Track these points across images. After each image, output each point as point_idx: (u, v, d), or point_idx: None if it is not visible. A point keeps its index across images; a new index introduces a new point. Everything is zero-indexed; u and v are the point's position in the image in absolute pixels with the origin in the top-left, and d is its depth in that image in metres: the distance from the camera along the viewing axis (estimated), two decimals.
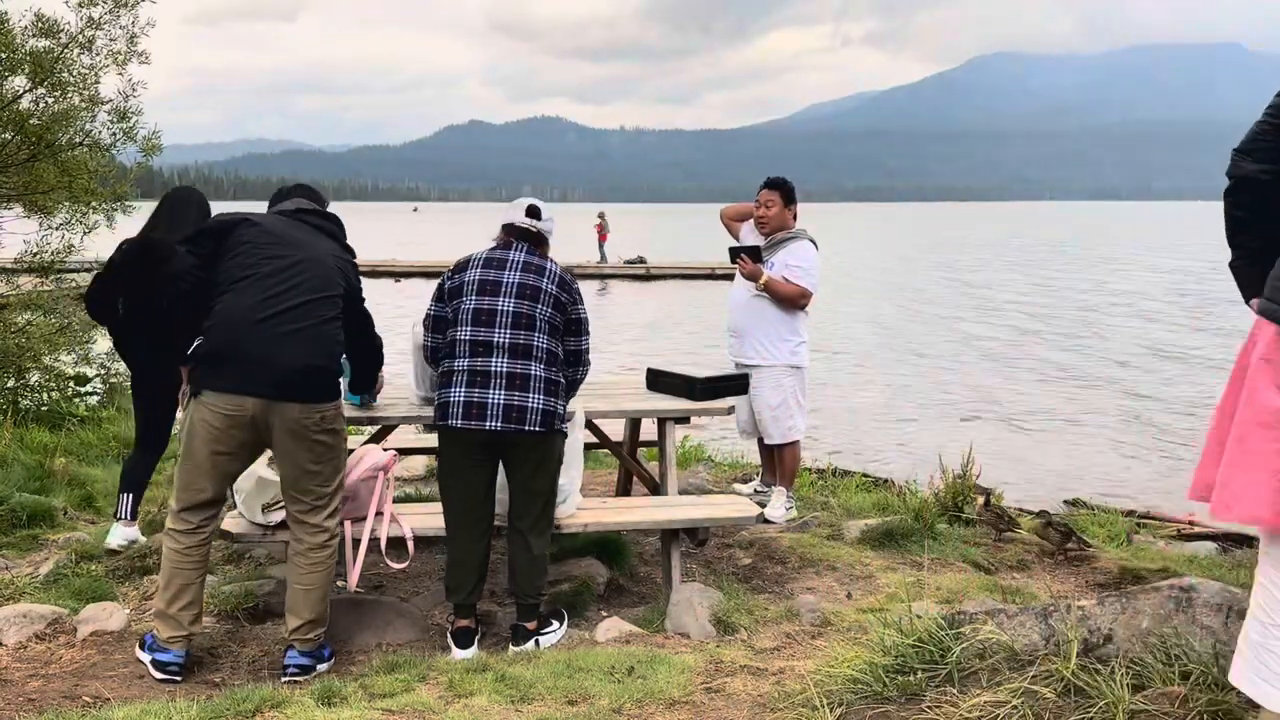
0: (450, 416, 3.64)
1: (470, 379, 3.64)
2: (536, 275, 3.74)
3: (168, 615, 3.47)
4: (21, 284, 7.53)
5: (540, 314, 3.71)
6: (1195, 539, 6.52)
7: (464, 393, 3.63)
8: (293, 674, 3.47)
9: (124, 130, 7.22)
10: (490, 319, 3.67)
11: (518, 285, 3.70)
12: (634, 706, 2.88)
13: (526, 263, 3.76)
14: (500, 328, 3.66)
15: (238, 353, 3.37)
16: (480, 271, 3.74)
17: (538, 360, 3.69)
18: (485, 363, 3.64)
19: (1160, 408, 12.94)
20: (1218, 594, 2.30)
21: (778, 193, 5.55)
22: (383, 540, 3.76)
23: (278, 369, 3.36)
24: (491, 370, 3.64)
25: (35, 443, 6.35)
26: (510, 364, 3.65)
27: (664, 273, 33.55)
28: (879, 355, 17.51)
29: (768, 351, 5.49)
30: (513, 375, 3.64)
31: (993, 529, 5.22)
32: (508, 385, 3.63)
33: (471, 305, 3.69)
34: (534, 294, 3.70)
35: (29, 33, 6.90)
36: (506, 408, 3.61)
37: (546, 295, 3.72)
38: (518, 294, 3.69)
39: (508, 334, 3.66)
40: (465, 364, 3.66)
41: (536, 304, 3.70)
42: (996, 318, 23.23)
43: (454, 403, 3.64)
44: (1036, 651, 2.34)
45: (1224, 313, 22.49)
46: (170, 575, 3.47)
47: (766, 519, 5.35)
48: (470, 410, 3.61)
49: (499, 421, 3.60)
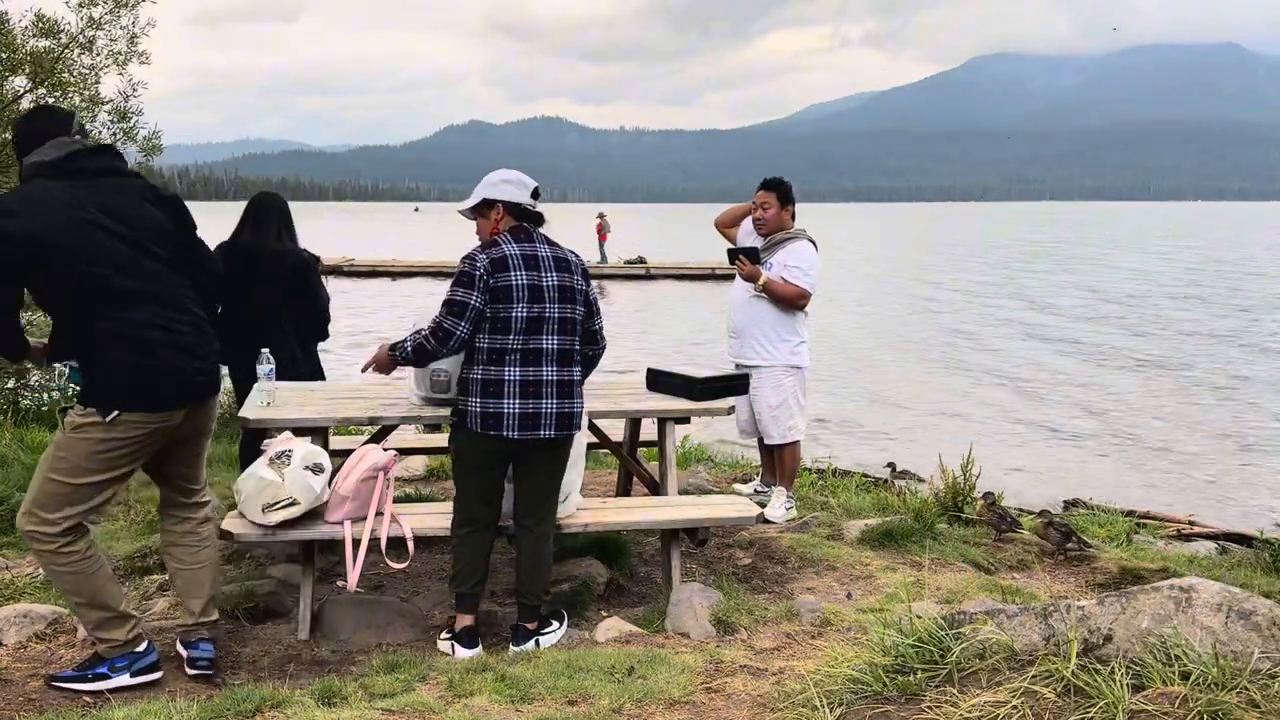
0: (505, 428, 3.60)
1: (524, 389, 3.62)
2: (567, 274, 3.70)
3: (115, 617, 3.35)
4: None
5: (577, 315, 3.72)
6: (1195, 539, 6.52)
7: (519, 404, 3.61)
8: (204, 666, 3.44)
9: (124, 130, 7.23)
10: (538, 326, 3.63)
11: (559, 289, 3.67)
12: (634, 706, 2.88)
13: (556, 259, 3.70)
14: (548, 334, 3.65)
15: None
16: (525, 275, 3.62)
17: (576, 364, 3.75)
18: (537, 372, 3.64)
19: (1160, 407, 12.95)
20: (1218, 594, 2.29)
21: (774, 193, 5.55)
22: (383, 540, 3.76)
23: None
24: (543, 379, 3.64)
25: (35, 443, 6.35)
26: (559, 371, 3.67)
27: (664, 273, 33.55)
28: (878, 355, 17.50)
29: (767, 352, 5.49)
30: (561, 383, 3.68)
31: (993, 529, 5.23)
32: (558, 393, 3.66)
33: (524, 313, 3.60)
34: (571, 295, 3.70)
35: (30, 33, 6.91)
36: (560, 415, 3.66)
37: (579, 294, 3.73)
38: (560, 298, 3.67)
39: (555, 340, 3.67)
40: (518, 374, 3.61)
41: (574, 304, 3.71)
42: (998, 319, 23.24)
43: (509, 414, 3.60)
44: (1036, 651, 2.34)
45: (1224, 301, 22.49)
46: (98, 583, 3.32)
47: (766, 519, 5.35)
48: (527, 421, 3.62)
49: (552, 430, 3.65)
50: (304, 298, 5.19)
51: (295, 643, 3.83)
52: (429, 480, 6.36)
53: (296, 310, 5.17)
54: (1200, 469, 9.87)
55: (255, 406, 4.18)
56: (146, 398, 3.22)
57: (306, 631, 3.87)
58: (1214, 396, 13.63)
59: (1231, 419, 12.16)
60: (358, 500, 3.81)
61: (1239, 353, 17.58)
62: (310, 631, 3.88)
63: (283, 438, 3.89)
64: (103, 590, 3.31)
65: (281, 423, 4.05)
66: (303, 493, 3.72)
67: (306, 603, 3.91)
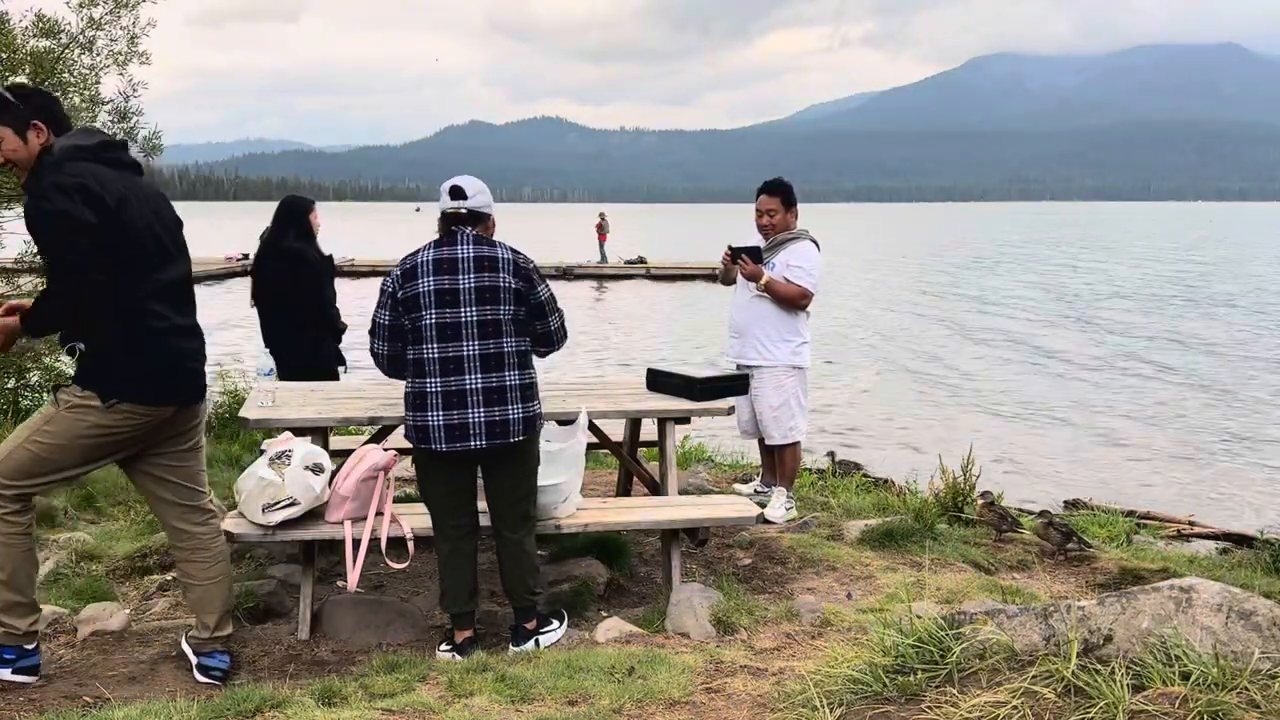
0: (433, 441, 3.54)
1: (446, 400, 3.52)
2: (491, 272, 3.52)
3: (24, 604, 3.29)
4: (21, 284, 7.52)
5: (504, 315, 3.54)
6: (1195, 539, 6.53)
7: (442, 416, 3.52)
8: (217, 677, 3.44)
9: (125, 130, 7.23)
10: (455, 332, 3.51)
11: (476, 290, 3.50)
12: (634, 706, 2.88)
13: (478, 258, 3.52)
14: (467, 339, 3.52)
15: None
16: (434, 280, 3.50)
17: (510, 368, 3.57)
18: (459, 381, 3.52)
19: (1160, 408, 12.95)
20: (1218, 594, 2.29)
21: (778, 198, 5.53)
22: (383, 540, 3.76)
23: None
24: (466, 389, 3.52)
25: None
26: (485, 379, 3.53)
27: (664, 273, 33.54)
28: (875, 357, 17.50)
29: (769, 352, 5.49)
30: (489, 390, 3.53)
31: (993, 529, 5.23)
32: (485, 402, 3.53)
33: (434, 320, 3.50)
34: (493, 295, 3.52)
35: (30, 33, 6.90)
36: (489, 424, 3.53)
37: (506, 293, 3.53)
38: (478, 300, 3.50)
39: (476, 345, 3.52)
40: (439, 385, 3.53)
41: (499, 305, 3.53)
42: (995, 316, 23.23)
43: (434, 426, 3.53)
44: (1036, 651, 2.34)
45: (1221, 297, 22.47)
46: (22, 564, 3.27)
47: (766, 519, 5.35)
48: (453, 433, 3.53)
49: (483, 440, 3.54)
50: (312, 296, 5.70)
51: (295, 643, 3.83)
52: None
53: (308, 308, 5.66)
54: (1200, 469, 9.87)
55: (255, 406, 4.19)
56: (148, 390, 3.23)
57: (306, 631, 3.87)
58: (1214, 397, 13.63)
59: (1232, 419, 12.16)
60: (358, 500, 3.81)
61: (1239, 353, 17.58)
62: (310, 631, 3.88)
63: (283, 438, 3.89)
64: (23, 572, 3.28)
65: (281, 423, 4.05)
66: (303, 493, 3.72)
67: (306, 603, 3.91)
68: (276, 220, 5.79)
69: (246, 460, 5.67)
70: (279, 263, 5.70)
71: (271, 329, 5.75)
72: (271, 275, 5.75)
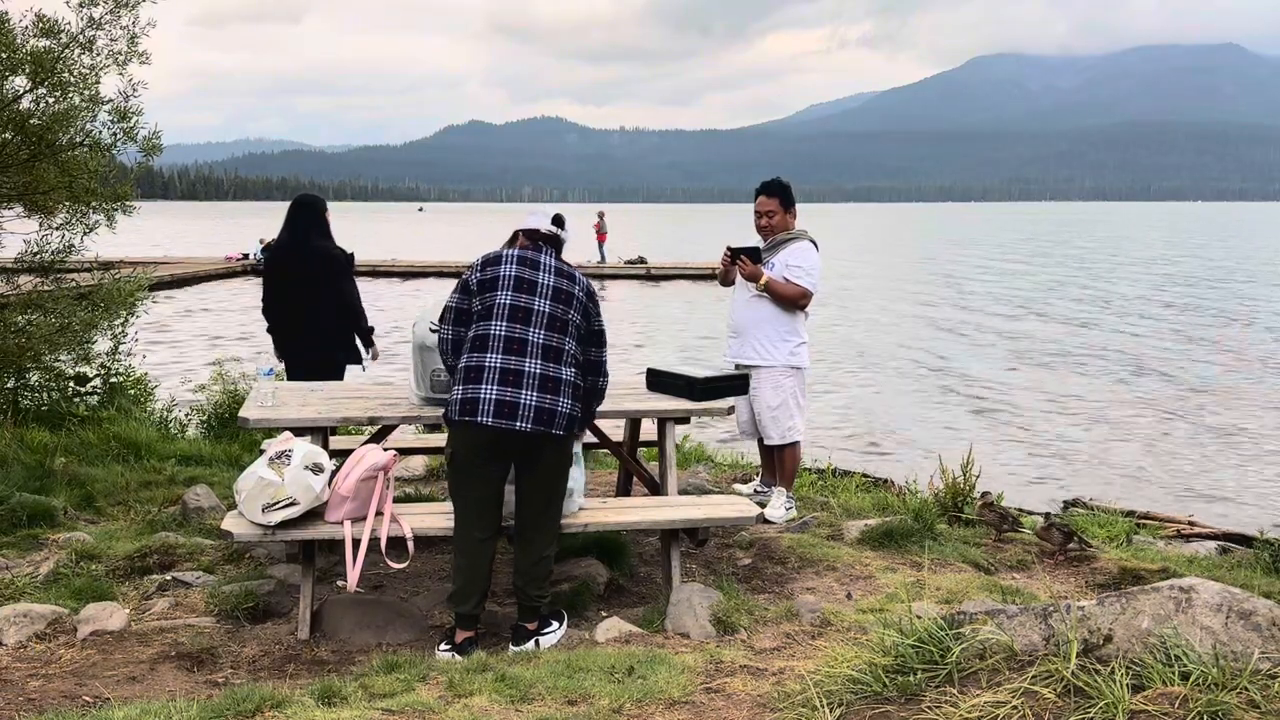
0: (480, 413, 3.57)
1: (503, 376, 3.60)
2: (569, 281, 3.78)
3: None
4: (21, 284, 7.52)
5: (572, 319, 3.74)
6: (1195, 539, 6.52)
7: (496, 390, 3.59)
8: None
9: (124, 130, 7.21)
10: (526, 317, 3.67)
11: (553, 289, 3.73)
12: (634, 706, 2.88)
13: (558, 268, 3.79)
14: (536, 326, 3.67)
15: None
16: (516, 268, 3.72)
17: (567, 364, 3.71)
18: (519, 361, 3.62)
19: (1160, 408, 12.95)
20: (1218, 594, 2.29)
21: (776, 199, 5.53)
22: (383, 540, 3.76)
23: None
24: (525, 370, 3.62)
25: (35, 443, 6.35)
26: (544, 366, 3.65)
27: (664, 273, 33.55)
28: (875, 355, 17.50)
29: (767, 352, 5.49)
30: (545, 378, 3.64)
31: (993, 529, 5.22)
32: (540, 387, 3.62)
33: (508, 301, 3.68)
34: (567, 298, 3.74)
35: (29, 33, 6.89)
36: (538, 410, 3.60)
37: (577, 302, 3.76)
38: (554, 297, 3.71)
39: (542, 334, 3.67)
40: (499, 361, 3.62)
41: (569, 308, 3.73)
42: (996, 316, 23.23)
43: (485, 399, 3.58)
44: (1036, 652, 2.34)
45: (1212, 295, 22.45)
46: None
47: (766, 519, 5.35)
48: (503, 409, 3.58)
49: (529, 423, 3.59)
50: (346, 295, 5.59)
51: (295, 643, 3.82)
52: (429, 480, 6.36)
53: (326, 305, 5.53)
54: (1200, 469, 9.87)
55: (255, 406, 4.19)
56: None
57: (306, 631, 3.87)
58: (1214, 397, 13.63)
59: (1232, 420, 12.16)
60: (357, 500, 3.81)
61: (1240, 354, 17.58)
62: (310, 631, 3.88)
63: (283, 437, 3.89)
64: None
65: (281, 423, 4.06)
66: (302, 492, 3.72)
67: (306, 603, 3.91)
68: (294, 220, 5.59)
69: (246, 460, 5.66)
70: (308, 263, 5.47)
71: (291, 333, 5.56)
72: (297, 276, 5.49)
